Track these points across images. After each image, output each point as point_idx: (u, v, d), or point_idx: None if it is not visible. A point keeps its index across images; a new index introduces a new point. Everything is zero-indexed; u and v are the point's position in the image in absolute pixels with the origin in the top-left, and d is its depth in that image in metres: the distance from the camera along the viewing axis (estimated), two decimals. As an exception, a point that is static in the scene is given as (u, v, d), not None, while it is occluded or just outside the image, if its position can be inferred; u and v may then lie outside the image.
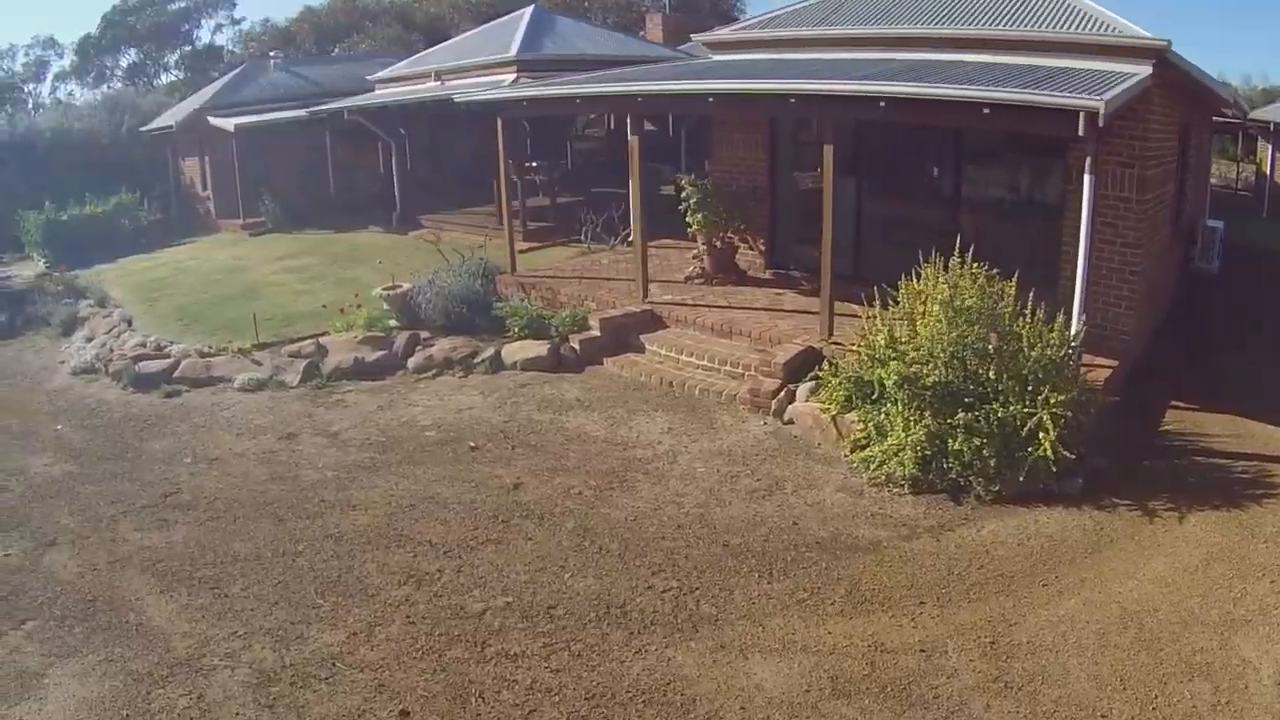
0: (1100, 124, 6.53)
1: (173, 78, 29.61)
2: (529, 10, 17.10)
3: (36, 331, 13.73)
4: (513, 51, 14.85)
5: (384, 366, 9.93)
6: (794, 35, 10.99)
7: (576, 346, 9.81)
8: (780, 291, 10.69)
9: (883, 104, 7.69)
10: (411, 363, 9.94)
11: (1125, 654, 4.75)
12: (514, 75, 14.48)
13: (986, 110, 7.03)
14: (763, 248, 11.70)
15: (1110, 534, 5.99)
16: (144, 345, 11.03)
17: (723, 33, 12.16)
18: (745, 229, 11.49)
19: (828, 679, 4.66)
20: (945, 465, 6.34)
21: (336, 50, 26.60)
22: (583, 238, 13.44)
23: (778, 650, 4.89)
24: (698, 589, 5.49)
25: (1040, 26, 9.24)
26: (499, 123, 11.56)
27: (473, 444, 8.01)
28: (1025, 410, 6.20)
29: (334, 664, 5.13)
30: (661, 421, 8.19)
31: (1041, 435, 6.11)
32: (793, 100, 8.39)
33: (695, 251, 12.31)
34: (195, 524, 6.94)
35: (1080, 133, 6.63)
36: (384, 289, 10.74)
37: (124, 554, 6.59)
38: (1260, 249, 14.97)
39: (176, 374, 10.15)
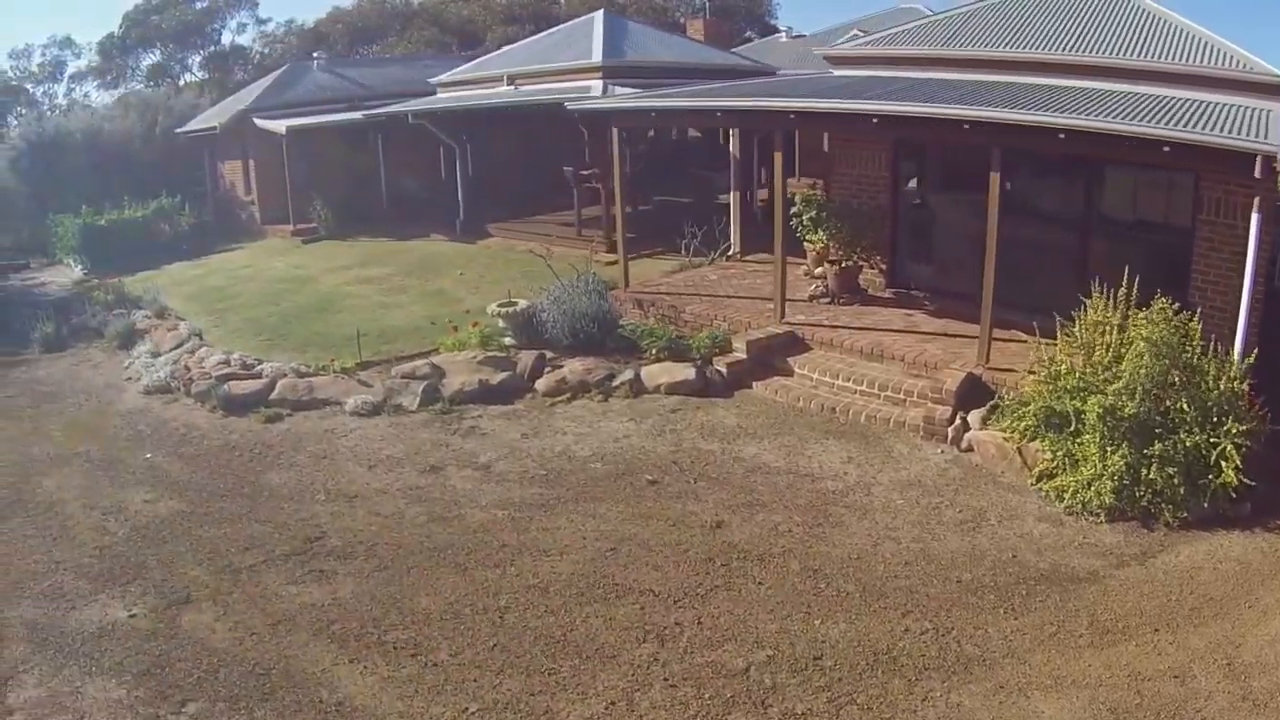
0: (1277, 167, 6.54)
1: (194, 78, 28.48)
2: (599, 15, 16.38)
3: (88, 344, 12.59)
4: (597, 57, 14.20)
5: (509, 389, 8.99)
6: (916, 54, 10.66)
7: (723, 369, 9.10)
8: (909, 312, 10.17)
9: (1062, 135, 7.43)
10: (541, 385, 9.02)
11: (1339, 667, 4.82)
12: (599, 81, 13.83)
13: (1167, 149, 6.94)
14: (883, 267, 11.13)
15: (1287, 555, 5.99)
16: (228, 363, 9.98)
17: (844, 48, 11.75)
18: (870, 248, 10.84)
19: (1107, 711, 4.60)
20: (1137, 493, 6.43)
21: (371, 52, 25.64)
22: (682, 250, 12.61)
23: (1051, 686, 4.78)
24: (952, 629, 5.27)
25: (1156, 55, 9.09)
26: (613, 132, 10.81)
27: (650, 478, 7.20)
28: (1209, 440, 6.36)
29: (607, 744, 4.26)
30: (837, 450, 7.67)
31: (1224, 463, 6.25)
32: (966, 126, 7.92)
33: (805, 268, 11.74)
34: (361, 575, 5.97)
35: (1257, 174, 6.67)
36: (499, 305, 9.81)
37: (283, 613, 5.61)
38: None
39: (273, 396, 9.13)
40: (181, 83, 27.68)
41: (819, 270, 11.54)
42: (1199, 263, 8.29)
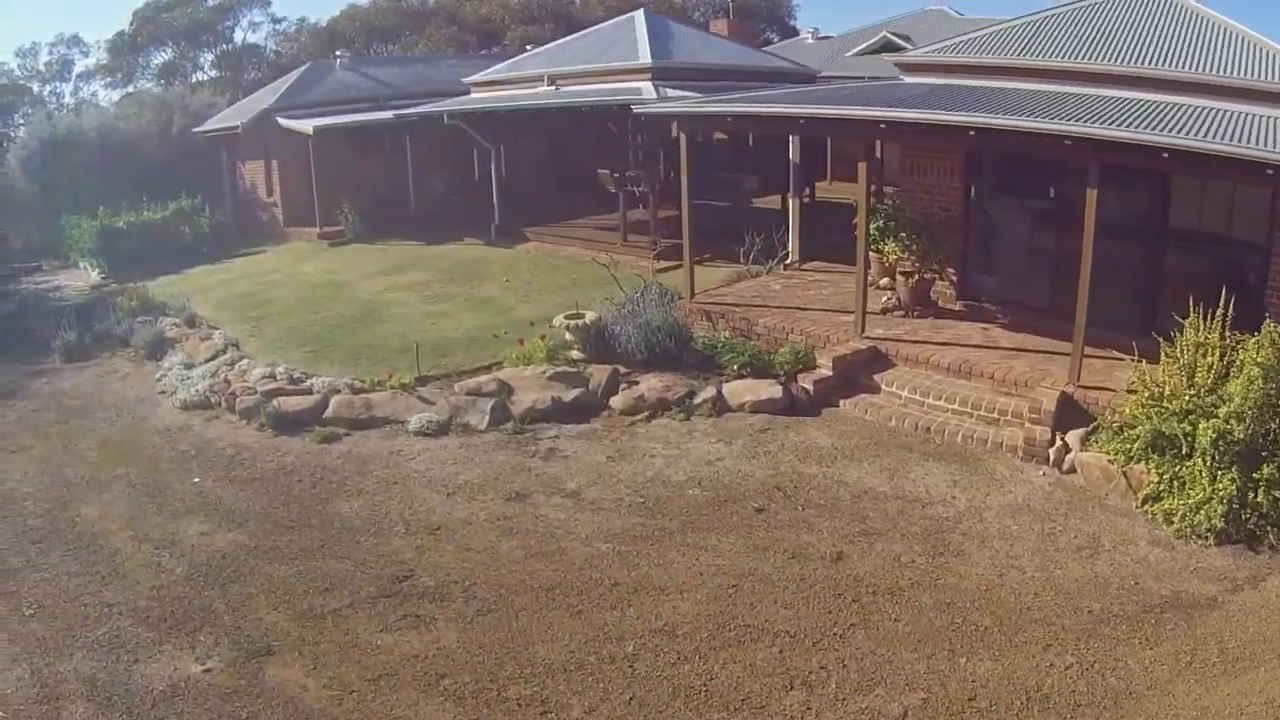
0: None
1: (205, 77, 27.66)
2: (640, 15, 15.81)
3: (112, 353, 11.91)
4: (645, 58, 13.76)
5: (584, 407, 8.40)
6: (993, 63, 10.31)
7: (809, 387, 8.60)
8: (985, 326, 9.78)
9: (1166, 155, 7.11)
10: (616, 403, 8.43)
11: None
12: (648, 82, 13.38)
13: (1270, 171, 6.76)
14: (953, 278, 10.73)
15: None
16: (273, 377, 9.32)
17: (916, 54, 11.36)
18: (944, 260, 10.40)
19: (1252, 741, 4.33)
20: (1244, 516, 6.37)
21: (388, 50, 24.90)
22: (740, 258, 12.04)
23: (1197, 718, 4.64)
24: (1094, 662, 5.08)
25: (1234, 70, 8.91)
26: (682, 136, 10.31)
27: (757, 505, 6.69)
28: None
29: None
30: (940, 473, 7.29)
31: (1324, 484, 6.17)
32: (1068, 142, 7.61)
33: (870, 278, 11.27)
34: (463, 620, 5.36)
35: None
36: (566, 316, 9.21)
37: (383, 666, 5.00)
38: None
39: (328, 414, 8.49)
40: (192, 81, 26.90)
41: (885, 281, 11.14)
42: (1275, 279, 8.08)
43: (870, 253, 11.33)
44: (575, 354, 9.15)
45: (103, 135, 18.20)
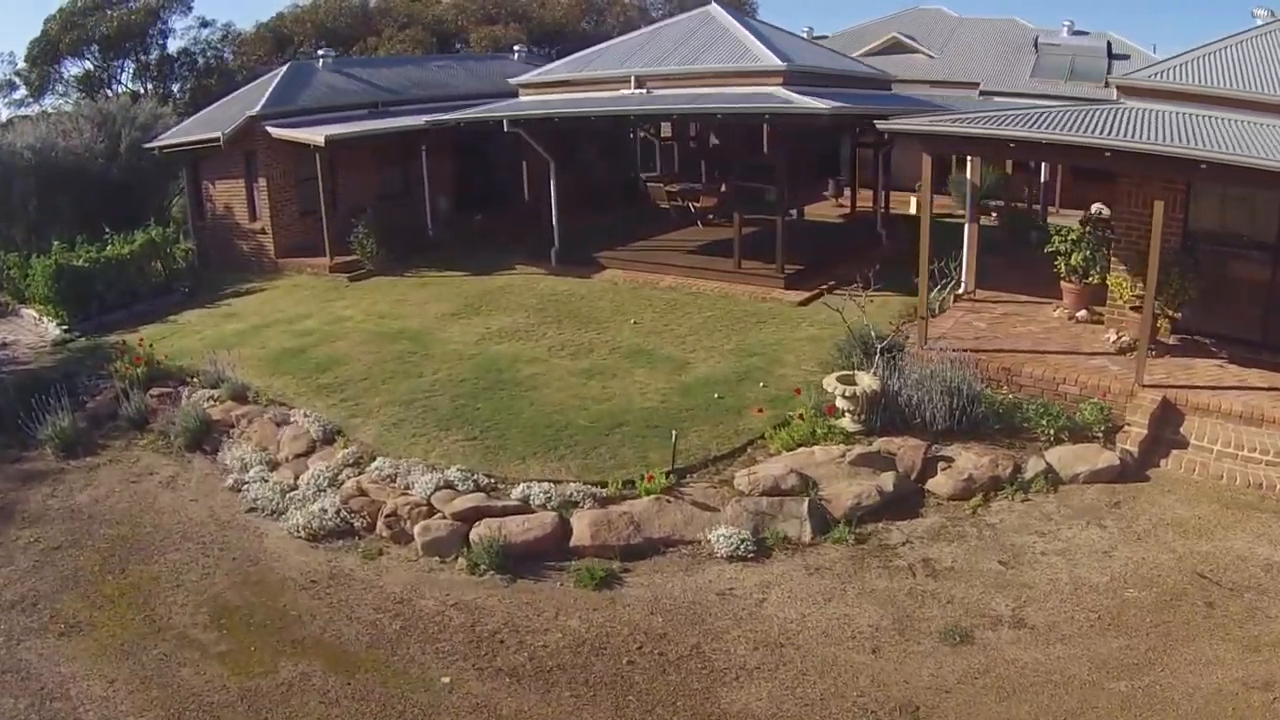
0: None
1: (125, 89, 22.68)
2: (717, 10, 13.93)
3: (127, 441, 8.76)
4: (773, 61, 12.02)
5: (901, 496, 6.58)
6: (1215, 93, 9.59)
7: (1133, 449, 7.41)
8: (1219, 364, 9.06)
9: None
10: (940, 487, 6.75)
11: None
12: (780, 86, 11.65)
13: None
14: (1170, 313, 9.91)
15: None
16: (450, 485, 6.76)
17: (1136, 77, 10.41)
18: (1174, 295, 9.46)
19: None
20: None
21: (346, 54, 21.37)
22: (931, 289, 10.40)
23: None
24: None
25: None
26: (925, 159, 8.73)
27: (1206, 600, 5.67)
28: None
29: None
30: None
31: None
32: None
33: (1062, 310, 10.51)
34: None
35: None
36: (838, 378, 7.25)
37: None
38: None
39: (578, 540, 6.15)
40: (116, 92, 21.99)
41: (1082, 314, 10.30)
42: None
43: (1064, 283, 10.36)
44: (848, 425, 7.23)
45: (41, 154, 14.06)
